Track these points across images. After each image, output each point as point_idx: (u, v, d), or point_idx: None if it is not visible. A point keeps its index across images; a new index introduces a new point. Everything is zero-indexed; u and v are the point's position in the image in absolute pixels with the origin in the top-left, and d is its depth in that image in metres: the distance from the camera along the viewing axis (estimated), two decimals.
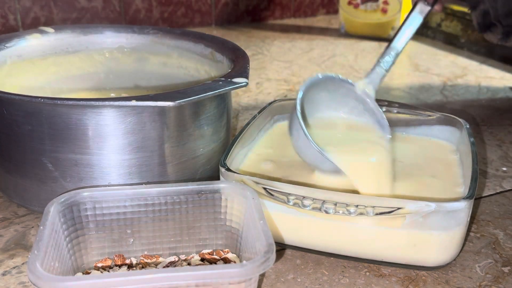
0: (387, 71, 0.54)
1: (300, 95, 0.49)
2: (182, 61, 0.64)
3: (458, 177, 0.50)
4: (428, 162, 0.53)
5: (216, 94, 0.46)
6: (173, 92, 0.45)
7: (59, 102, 0.44)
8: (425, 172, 0.51)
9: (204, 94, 0.45)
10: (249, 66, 0.53)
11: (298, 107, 0.47)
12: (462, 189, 0.48)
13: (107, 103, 0.44)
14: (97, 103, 0.45)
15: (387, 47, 0.54)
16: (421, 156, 0.54)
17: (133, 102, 0.43)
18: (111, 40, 0.65)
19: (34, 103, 0.45)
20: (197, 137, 0.50)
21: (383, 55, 0.54)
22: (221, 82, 0.48)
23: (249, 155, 0.53)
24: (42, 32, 0.62)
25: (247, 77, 0.49)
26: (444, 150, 0.55)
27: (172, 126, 0.48)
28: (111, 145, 0.46)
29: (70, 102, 0.44)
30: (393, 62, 0.54)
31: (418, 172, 0.51)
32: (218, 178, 0.46)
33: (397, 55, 0.54)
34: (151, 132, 0.47)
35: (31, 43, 0.61)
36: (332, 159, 0.46)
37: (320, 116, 0.53)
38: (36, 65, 0.61)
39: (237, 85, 0.47)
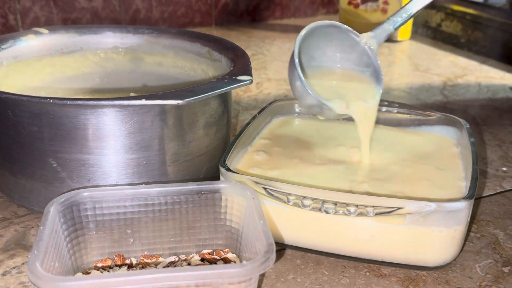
0: (394, 29, 0.54)
1: (300, 36, 0.50)
2: (178, 61, 0.64)
3: (459, 172, 0.50)
4: (429, 155, 0.53)
5: (223, 92, 0.47)
6: (182, 91, 0.45)
7: (68, 102, 0.44)
8: (426, 166, 0.51)
9: (212, 92, 0.46)
10: (250, 64, 0.53)
11: (297, 49, 0.49)
12: (464, 183, 0.48)
13: (116, 102, 0.45)
14: (106, 102, 0.45)
15: (401, 7, 0.54)
16: (422, 149, 0.54)
17: (143, 101, 0.44)
18: (106, 41, 0.65)
19: (42, 104, 0.45)
20: (202, 136, 0.51)
21: (394, 14, 0.54)
22: (226, 80, 0.48)
23: (247, 150, 0.53)
24: (36, 33, 0.62)
25: (251, 75, 0.50)
26: (445, 144, 0.55)
27: (178, 125, 0.48)
28: (118, 144, 0.46)
29: (80, 102, 0.44)
30: (403, 23, 0.54)
31: (419, 166, 0.51)
32: None
33: (410, 16, 0.53)
34: (158, 130, 0.47)
35: (26, 44, 0.61)
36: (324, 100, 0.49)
37: (317, 65, 0.54)
38: (32, 66, 0.61)
39: (242, 83, 0.48)
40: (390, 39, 1.12)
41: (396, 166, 0.51)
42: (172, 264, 0.43)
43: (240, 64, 0.53)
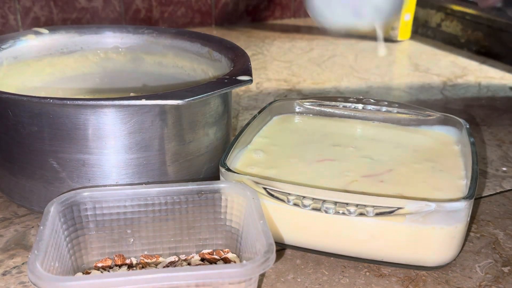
0: None
1: None
2: (178, 61, 0.64)
3: (460, 171, 0.50)
4: (430, 154, 0.53)
5: (223, 91, 0.47)
6: (182, 91, 0.45)
7: (68, 102, 0.44)
8: (427, 165, 0.51)
9: (212, 92, 0.46)
10: (250, 64, 0.53)
11: None
12: (465, 182, 0.48)
13: (116, 102, 0.45)
14: (106, 102, 0.45)
15: None
16: (423, 148, 0.54)
17: (143, 101, 0.44)
18: (106, 41, 0.65)
19: (42, 104, 0.45)
20: (202, 135, 0.51)
21: None
22: (226, 80, 0.48)
23: (246, 149, 0.53)
24: (36, 33, 0.62)
25: (251, 75, 0.50)
26: (446, 142, 0.55)
27: (178, 125, 0.48)
28: (118, 144, 0.47)
29: (80, 102, 0.44)
30: None
31: (419, 164, 0.51)
32: None
33: None
34: (158, 130, 0.47)
35: (26, 44, 0.61)
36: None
37: None
38: (32, 66, 0.61)
39: (242, 83, 0.48)
40: (390, 39, 1.12)
41: (397, 164, 0.51)
42: (172, 264, 0.43)
43: (240, 64, 0.53)
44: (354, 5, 0.50)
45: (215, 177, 0.49)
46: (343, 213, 0.42)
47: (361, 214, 0.42)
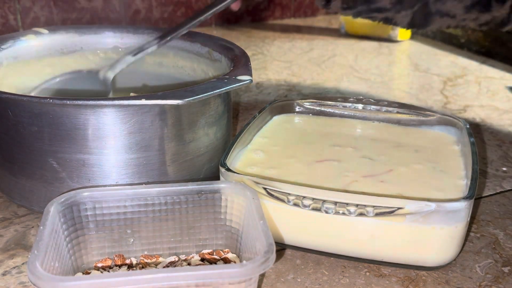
0: (133, 55, 0.60)
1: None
2: (178, 61, 0.64)
3: (460, 171, 0.50)
4: (430, 154, 0.53)
5: (223, 91, 0.47)
6: (182, 91, 0.45)
7: (68, 102, 0.44)
8: (427, 165, 0.51)
9: (212, 92, 0.46)
10: (250, 64, 0.53)
11: None
12: (465, 181, 0.48)
13: (116, 102, 0.45)
14: (106, 102, 0.45)
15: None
16: (423, 147, 0.54)
17: (143, 101, 0.44)
18: (106, 41, 0.65)
19: (42, 104, 0.45)
20: (201, 135, 0.51)
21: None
22: (226, 80, 0.48)
23: (246, 149, 0.53)
24: (36, 33, 0.62)
25: (251, 75, 0.50)
26: (446, 141, 0.55)
27: (178, 125, 0.48)
28: (118, 144, 0.47)
29: (80, 102, 0.44)
30: (141, 51, 0.60)
31: (419, 164, 0.51)
32: None
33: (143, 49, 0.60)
34: (158, 130, 0.47)
35: (26, 44, 0.61)
36: None
37: None
38: (32, 66, 0.61)
39: (242, 83, 0.48)
40: (390, 39, 1.12)
41: (397, 164, 0.51)
42: (172, 264, 0.43)
43: (240, 64, 0.53)
44: None
45: (215, 177, 0.49)
46: (343, 213, 0.42)
47: (361, 214, 0.42)
